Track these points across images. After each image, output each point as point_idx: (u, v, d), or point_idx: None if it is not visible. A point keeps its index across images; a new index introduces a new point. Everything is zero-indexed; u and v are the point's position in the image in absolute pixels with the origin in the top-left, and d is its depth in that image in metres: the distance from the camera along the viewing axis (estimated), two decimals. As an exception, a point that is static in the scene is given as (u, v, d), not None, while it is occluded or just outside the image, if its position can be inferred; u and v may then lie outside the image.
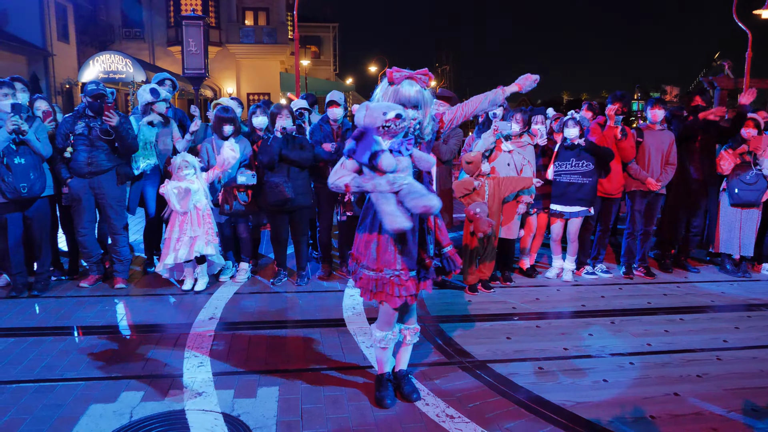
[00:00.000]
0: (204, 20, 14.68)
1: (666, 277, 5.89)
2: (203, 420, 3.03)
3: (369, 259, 3.03)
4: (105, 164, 5.11)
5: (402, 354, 3.36)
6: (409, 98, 2.87)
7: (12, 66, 18.24)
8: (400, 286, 2.98)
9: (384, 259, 2.99)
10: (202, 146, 5.51)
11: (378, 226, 2.98)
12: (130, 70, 20.12)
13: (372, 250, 3.01)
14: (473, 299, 5.11)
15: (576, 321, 4.62)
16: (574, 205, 5.46)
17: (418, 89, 2.89)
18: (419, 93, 2.89)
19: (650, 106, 5.79)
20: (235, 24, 26.98)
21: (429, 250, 3.09)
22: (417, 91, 2.89)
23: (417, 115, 2.90)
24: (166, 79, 6.14)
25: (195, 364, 3.70)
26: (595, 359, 3.86)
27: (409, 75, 2.89)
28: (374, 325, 3.23)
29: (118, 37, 26.13)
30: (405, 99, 2.86)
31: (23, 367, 3.65)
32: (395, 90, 2.87)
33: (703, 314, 4.82)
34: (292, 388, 3.40)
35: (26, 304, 4.88)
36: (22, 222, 5.01)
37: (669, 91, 31.82)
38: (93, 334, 4.25)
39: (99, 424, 2.98)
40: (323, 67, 35.87)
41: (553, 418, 3.09)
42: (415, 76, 2.90)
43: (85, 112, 5.09)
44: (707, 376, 3.62)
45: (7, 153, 4.74)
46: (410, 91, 2.87)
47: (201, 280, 5.26)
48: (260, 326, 4.43)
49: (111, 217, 5.26)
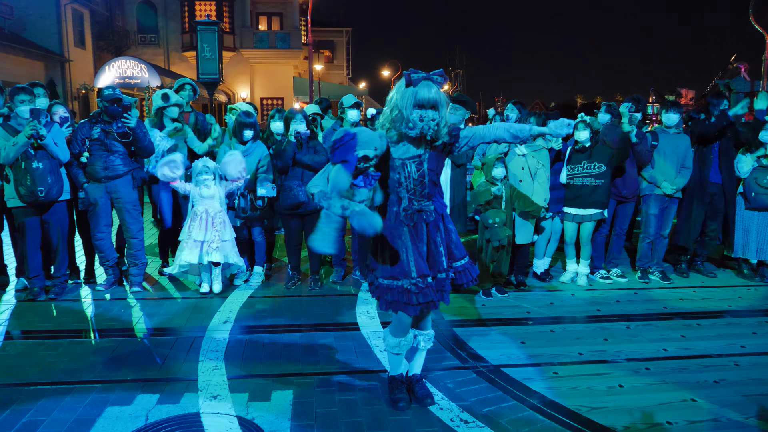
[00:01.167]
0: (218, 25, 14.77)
1: (682, 281, 5.83)
2: (218, 423, 3.05)
3: (383, 268, 3.04)
4: (121, 169, 5.17)
5: (416, 358, 3.35)
6: (429, 99, 2.87)
7: (29, 72, 18.53)
8: (417, 294, 2.97)
9: (399, 268, 3.00)
10: (220, 150, 5.55)
11: (391, 235, 3.00)
12: (146, 76, 20.37)
13: (387, 260, 3.03)
14: (487, 303, 5.09)
15: (591, 326, 4.59)
16: (588, 207, 5.43)
17: (436, 90, 2.89)
18: (437, 94, 2.89)
19: (665, 110, 5.75)
20: (249, 29, 27.20)
21: (442, 263, 3.09)
22: (435, 91, 2.89)
23: (436, 117, 2.89)
24: (186, 84, 6.20)
25: (210, 367, 3.73)
26: (611, 364, 3.83)
27: (426, 76, 2.89)
28: (388, 329, 3.22)
29: (133, 42, 26.45)
30: (424, 100, 2.86)
31: (40, 369, 3.70)
32: (413, 92, 2.87)
33: (721, 319, 4.76)
34: (305, 391, 3.41)
35: (43, 307, 4.94)
36: (39, 226, 5.07)
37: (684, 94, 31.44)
38: (109, 337, 4.30)
39: (115, 427, 3.00)
40: (336, 71, 36.01)
41: (568, 424, 3.07)
42: (432, 77, 2.91)
43: (101, 118, 5.16)
44: (725, 382, 3.57)
45: (25, 157, 4.80)
46: (429, 93, 2.86)
47: (216, 282, 5.29)
48: (274, 330, 4.44)
49: (127, 221, 5.31)
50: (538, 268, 5.84)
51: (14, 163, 4.81)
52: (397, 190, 3.01)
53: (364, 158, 2.75)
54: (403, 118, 2.88)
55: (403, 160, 2.98)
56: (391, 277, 3.01)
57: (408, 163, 2.98)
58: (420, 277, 2.98)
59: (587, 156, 5.38)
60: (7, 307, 4.96)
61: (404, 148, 2.98)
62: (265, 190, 5.31)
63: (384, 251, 3.05)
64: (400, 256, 3.01)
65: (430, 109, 2.86)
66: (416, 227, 3.03)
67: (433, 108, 2.87)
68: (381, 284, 3.06)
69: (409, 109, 2.85)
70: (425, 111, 2.86)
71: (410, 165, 2.98)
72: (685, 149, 5.66)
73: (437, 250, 3.08)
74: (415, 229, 3.03)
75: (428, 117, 2.86)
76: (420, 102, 2.85)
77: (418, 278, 2.98)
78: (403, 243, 3.01)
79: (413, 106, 2.85)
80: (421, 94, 2.85)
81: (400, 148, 2.99)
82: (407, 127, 2.88)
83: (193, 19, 23.86)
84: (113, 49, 25.19)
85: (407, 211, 3.01)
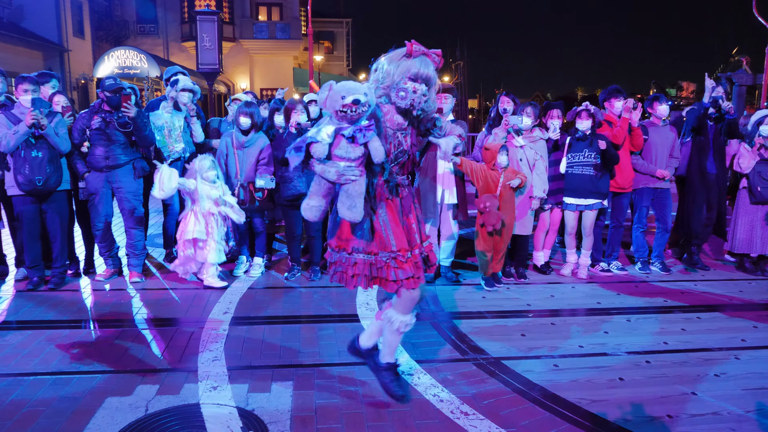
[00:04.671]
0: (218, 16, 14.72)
1: (682, 274, 5.82)
2: (218, 414, 3.05)
3: (362, 242, 2.88)
4: (122, 158, 5.15)
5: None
6: (425, 75, 2.80)
7: (28, 61, 18.44)
8: (396, 269, 2.85)
9: (379, 240, 2.88)
10: (222, 140, 5.53)
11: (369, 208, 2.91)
12: (145, 66, 20.28)
13: (366, 232, 2.88)
14: (487, 296, 5.08)
15: (591, 318, 4.58)
16: (588, 197, 5.41)
17: (433, 67, 2.85)
18: (433, 72, 2.85)
19: (658, 103, 5.77)
20: (248, 19, 27.07)
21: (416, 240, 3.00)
22: (432, 69, 2.84)
23: (428, 93, 2.85)
24: (179, 73, 6.11)
25: (209, 358, 3.72)
26: (611, 357, 3.82)
27: (424, 51, 2.84)
28: (391, 309, 3.04)
29: (132, 32, 26.35)
30: (421, 74, 2.80)
31: (40, 359, 3.69)
32: (410, 64, 2.80)
33: (721, 313, 4.76)
34: (306, 383, 3.41)
35: (43, 298, 4.93)
36: (38, 216, 5.06)
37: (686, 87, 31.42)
38: (109, 327, 4.29)
39: (115, 417, 3.00)
40: (336, 62, 35.88)
41: (568, 416, 3.07)
42: (431, 54, 2.86)
43: (102, 107, 5.13)
44: (725, 375, 3.57)
45: (25, 146, 4.79)
46: (426, 68, 2.81)
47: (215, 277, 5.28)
48: (274, 321, 4.44)
49: (127, 211, 5.30)
50: (538, 260, 5.83)
51: (14, 152, 4.80)
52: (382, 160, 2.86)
53: (354, 103, 2.64)
54: (394, 87, 2.81)
55: (395, 130, 2.88)
56: (371, 251, 2.87)
57: (398, 133, 2.89)
58: (399, 251, 2.87)
59: (588, 144, 5.35)
60: (6, 297, 4.95)
61: (396, 115, 2.88)
62: (264, 181, 5.29)
63: (360, 224, 2.88)
64: (378, 228, 2.88)
65: (422, 83, 2.81)
66: (393, 201, 2.93)
67: (427, 84, 2.83)
68: (359, 259, 2.88)
69: (404, 79, 2.80)
70: (419, 85, 2.80)
71: (399, 136, 2.89)
72: (673, 140, 5.78)
73: (414, 227, 3.00)
74: (393, 203, 2.93)
75: (421, 91, 2.80)
76: (415, 75, 2.80)
77: (398, 252, 2.86)
78: (380, 216, 2.89)
79: (408, 77, 2.80)
80: (418, 68, 2.79)
81: (392, 113, 2.88)
82: (398, 96, 2.80)
83: (193, 9, 23.73)
84: (112, 39, 25.08)
85: (388, 183, 2.90)
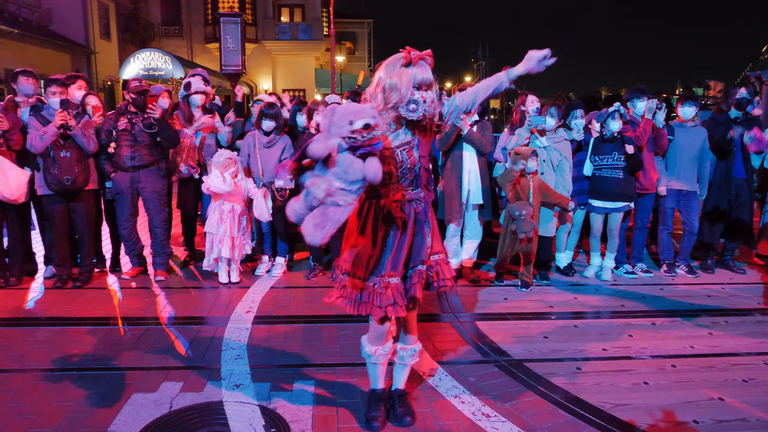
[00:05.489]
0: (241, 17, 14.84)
1: (709, 278, 5.72)
2: (241, 411, 3.07)
3: (354, 264, 2.75)
4: (147, 158, 5.24)
5: (399, 373, 3.09)
6: (429, 80, 2.65)
7: (56, 63, 18.81)
8: (381, 295, 2.71)
9: (368, 264, 2.74)
10: (244, 141, 5.58)
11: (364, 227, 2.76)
12: (170, 67, 20.55)
13: (358, 255, 2.75)
14: (509, 297, 5.05)
15: (615, 321, 4.53)
16: (616, 200, 5.34)
17: (429, 70, 2.68)
18: (431, 73, 2.68)
19: (681, 103, 5.67)
20: (271, 21, 27.24)
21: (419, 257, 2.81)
22: (430, 72, 2.67)
23: (434, 98, 2.68)
24: (196, 74, 6.15)
25: (232, 356, 3.76)
26: (635, 361, 3.77)
27: (421, 56, 2.66)
28: (365, 337, 2.97)
29: (157, 34, 26.68)
30: (424, 81, 2.63)
31: (68, 355, 3.77)
32: (413, 72, 2.62)
33: (749, 317, 4.66)
34: (327, 382, 3.42)
35: (71, 295, 5.03)
36: (67, 214, 5.17)
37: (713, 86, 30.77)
38: (134, 324, 4.36)
39: (140, 413, 3.05)
40: (358, 63, 35.94)
41: (591, 420, 3.03)
42: (425, 56, 2.67)
43: (128, 109, 5.22)
44: (754, 381, 3.50)
45: (54, 146, 4.90)
46: (427, 73, 2.65)
47: (234, 274, 5.34)
48: (296, 320, 4.47)
49: (152, 211, 5.38)
50: (561, 262, 5.78)
51: (43, 152, 4.90)
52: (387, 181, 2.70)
53: (365, 128, 2.44)
54: (402, 100, 2.63)
55: (393, 148, 2.71)
56: (361, 275, 2.74)
57: (399, 152, 2.72)
58: (387, 276, 2.72)
59: (616, 146, 5.27)
60: (35, 294, 5.06)
61: (393, 135, 2.73)
62: (282, 182, 5.33)
63: (354, 245, 2.77)
64: (368, 250, 2.74)
65: (428, 90, 2.66)
66: (404, 220, 2.77)
67: (429, 89, 2.68)
68: (348, 281, 2.77)
69: (411, 90, 2.62)
70: (426, 92, 2.65)
71: (402, 154, 2.72)
72: (702, 142, 5.60)
73: (421, 241, 2.82)
74: (403, 222, 2.77)
75: (429, 98, 2.64)
76: (420, 83, 2.63)
77: (384, 276, 2.72)
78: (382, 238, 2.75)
79: (414, 87, 2.63)
80: (422, 75, 2.63)
81: (391, 135, 2.73)
82: (408, 110, 2.63)
83: (216, 11, 23.96)
84: (138, 41, 25.44)
85: (401, 202, 2.75)
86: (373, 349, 2.91)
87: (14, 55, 16.67)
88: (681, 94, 13.97)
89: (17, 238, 5.24)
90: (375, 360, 2.93)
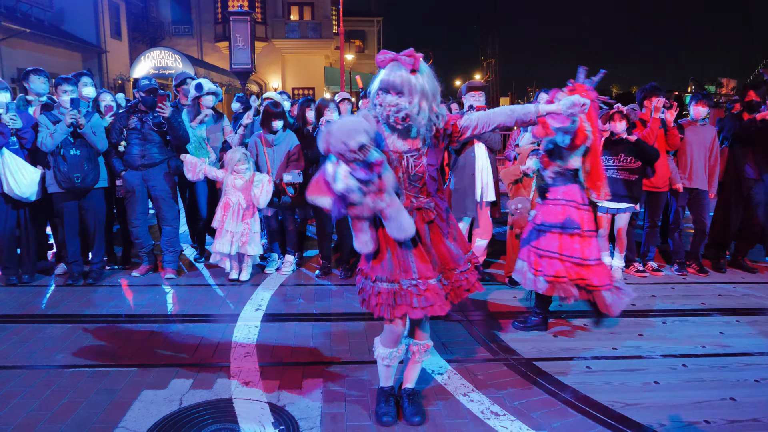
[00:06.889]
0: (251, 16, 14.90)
1: (721, 277, 5.67)
2: (250, 409, 3.08)
3: (385, 270, 2.73)
4: (157, 157, 5.27)
5: (410, 371, 3.08)
6: (389, 83, 2.55)
7: (68, 63, 18.96)
8: (418, 296, 2.68)
9: (399, 267, 2.71)
10: (251, 141, 5.60)
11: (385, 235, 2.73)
12: (180, 66, 20.67)
13: (387, 260, 2.73)
14: (518, 295, 5.03)
15: (625, 320, 4.49)
16: (621, 201, 5.31)
17: (403, 73, 2.55)
18: (403, 78, 2.54)
19: (694, 102, 5.62)
20: (280, 19, 27.31)
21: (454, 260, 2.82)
22: (400, 75, 2.54)
23: (400, 103, 2.56)
24: (188, 78, 6.15)
25: (242, 354, 3.77)
26: (646, 360, 3.75)
27: (394, 57, 2.59)
28: (378, 339, 2.97)
29: (167, 33, 26.84)
30: (389, 84, 2.56)
31: (79, 352, 3.80)
32: (380, 74, 2.59)
33: (761, 316, 4.61)
34: (336, 380, 3.42)
35: (82, 292, 5.07)
36: (77, 212, 5.21)
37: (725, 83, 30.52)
38: (144, 322, 4.38)
39: (150, 410, 3.07)
40: (367, 61, 35.90)
41: (601, 419, 3.02)
42: (400, 57, 2.57)
43: (138, 107, 5.26)
44: (766, 381, 3.46)
45: (64, 144, 4.95)
46: (392, 75, 2.54)
47: (245, 271, 5.35)
48: (305, 318, 4.48)
49: (162, 209, 5.41)
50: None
51: (54, 150, 4.95)
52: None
53: (360, 149, 2.42)
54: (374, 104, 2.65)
55: (400, 152, 2.69)
56: (393, 279, 2.71)
57: (406, 156, 2.68)
58: (420, 279, 2.70)
59: (623, 147, 5.24)
60: (47, 292, 5.10)
61: (398, 140, 2.70)
62: (291, 176, 5.34)
63: (381, 251, 2.75)
64: (399, 255, 2.72)
65: (391, 93, 2.57)
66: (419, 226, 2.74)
67: (398, 93, 2.56)
68: (382, 288, 2.73)
69: (374, 93, 2.60)
70: (385, 95, 2.58)
71: (408, 159, 2.68)
72: (712, 140, 5.57)
73: (448, 246, 2.81)
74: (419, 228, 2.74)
75: (386, 102, 2.57)
76: (385, 85, 2.57)
77: (418, 279, 2.70)
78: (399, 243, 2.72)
79: (378, 89, 2.60)
80: (386, 78, 2.56)
81: (393, 138, 2.70)
82: (377, 113, 2.64)
83: (226, 9, 24.08)
84: (148, 40, 25.60)
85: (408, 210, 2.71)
86: (386, 352, 2.92)
87: (26, 54, 16.83)
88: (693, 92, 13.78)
89: (30, 235, 5.29)
90: (388, 362, 2.94)
